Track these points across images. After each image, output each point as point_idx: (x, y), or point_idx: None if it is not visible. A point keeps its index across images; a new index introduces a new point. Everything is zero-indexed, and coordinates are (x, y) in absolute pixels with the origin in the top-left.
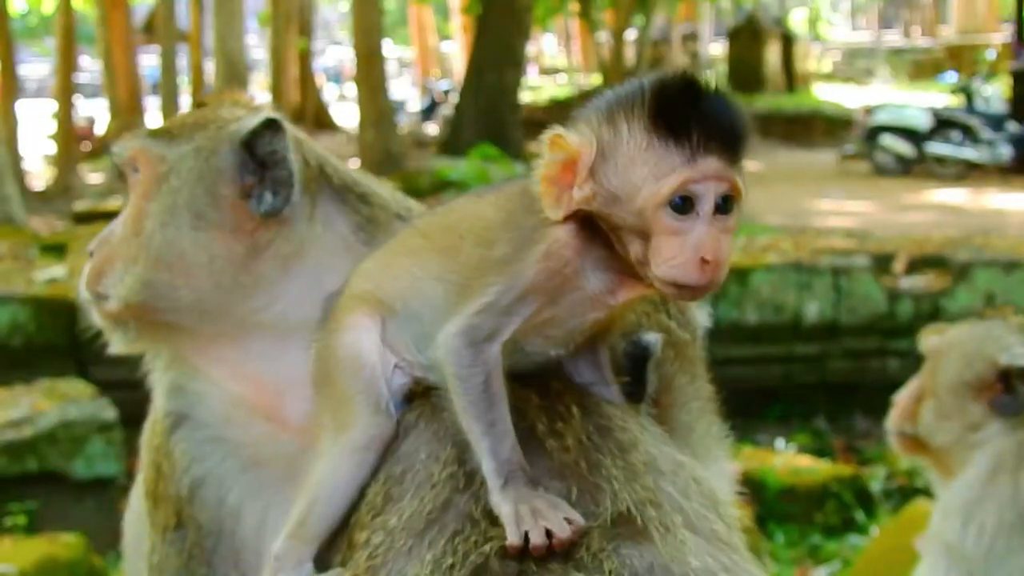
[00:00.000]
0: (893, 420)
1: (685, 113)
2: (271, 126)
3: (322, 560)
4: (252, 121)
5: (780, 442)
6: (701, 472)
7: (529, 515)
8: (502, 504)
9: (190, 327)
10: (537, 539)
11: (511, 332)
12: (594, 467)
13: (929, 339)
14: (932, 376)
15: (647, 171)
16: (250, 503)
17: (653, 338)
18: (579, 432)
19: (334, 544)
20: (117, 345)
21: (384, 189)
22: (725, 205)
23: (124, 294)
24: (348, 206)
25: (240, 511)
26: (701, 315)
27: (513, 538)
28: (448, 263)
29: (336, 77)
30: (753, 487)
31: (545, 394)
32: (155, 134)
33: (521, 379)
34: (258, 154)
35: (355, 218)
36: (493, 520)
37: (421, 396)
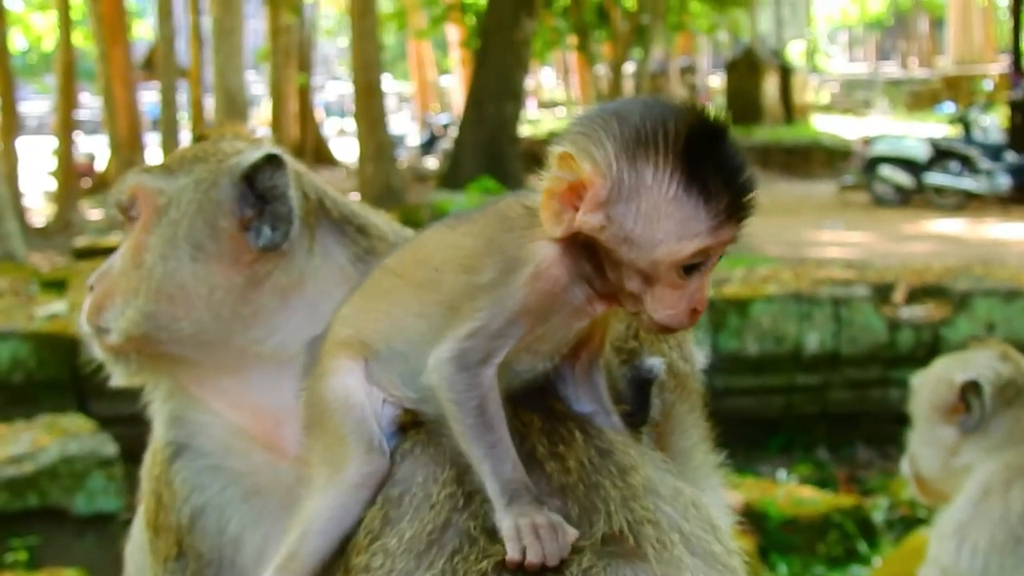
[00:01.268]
0: (902, 464)
1: (716, 174)
2: (272, 161)
3: None
4: (253, 155)
5: (782, 473)
6: (700, 497)
7: (528, 530)
8: (504, 520)
9: (190, 358)
10: (533, 556)
11: (504, 354)
12: (592, 488)
13: (916, 375)
14: (912, 408)
15: (672, 228)
16: (250, 532)
17: (656, 362)
18: (580, 455)
19: (329, 571)
20: (118, 378)
21: (382, 220)
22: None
23: (125, 326)
24: (347, 238)
25: (240, 540)
26: (699, 352)
27: (513, 553)
28: (427, 296)
29: (339, 111)
30: (755, 518)
31: (548, 418)
32: (153, 169)
33: (525, 403)
34: (258, 188)
35: (354, 249)
36: (492, 537)
37: (414, 426)
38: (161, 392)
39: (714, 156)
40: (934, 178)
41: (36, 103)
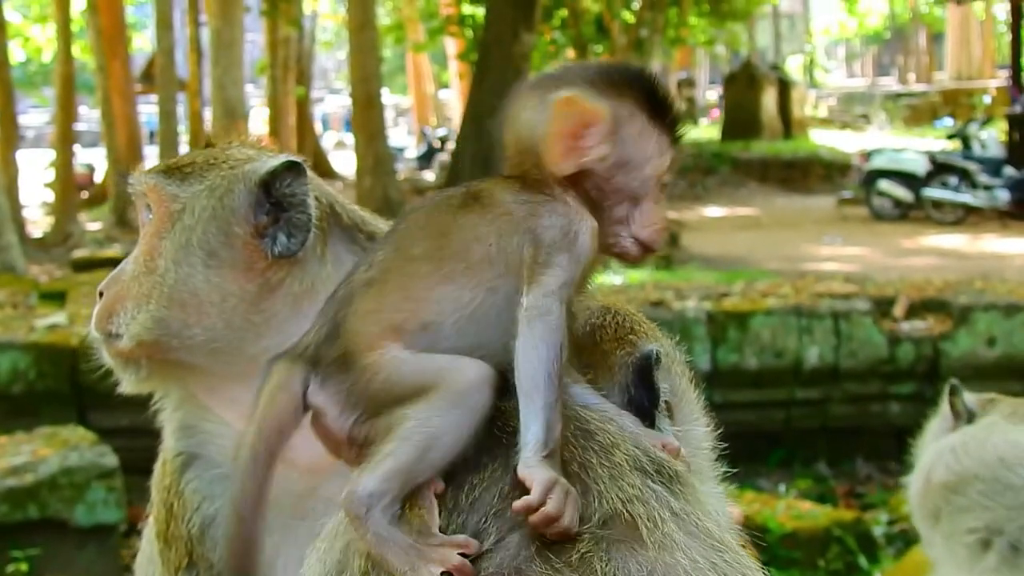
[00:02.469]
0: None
1: (666, 104)
2: (292, 168)
3: None
4: (272, 162)
5: (782, 487)
6: (686, 473)
7: (560, 489)
8: (535, 469)
9: (201, 366)
10: (554, 509)
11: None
12: (583, 467)
13: None
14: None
15: (653, 147)
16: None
17: (655, 346)
18: (565, 433)
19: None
20: (127, 385)
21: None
22: None
23: (136, 332)
24: (357, 245)
25: None
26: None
27: (537, 499)
28: (485, 272)
29: (347, 125)
30: (755, 532)
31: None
32: (168, 172)
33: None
34: (274, 195)
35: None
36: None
37: None
38: (171, 401)
39: (660, 92)
40: (933, 192)
41: (35, 115)
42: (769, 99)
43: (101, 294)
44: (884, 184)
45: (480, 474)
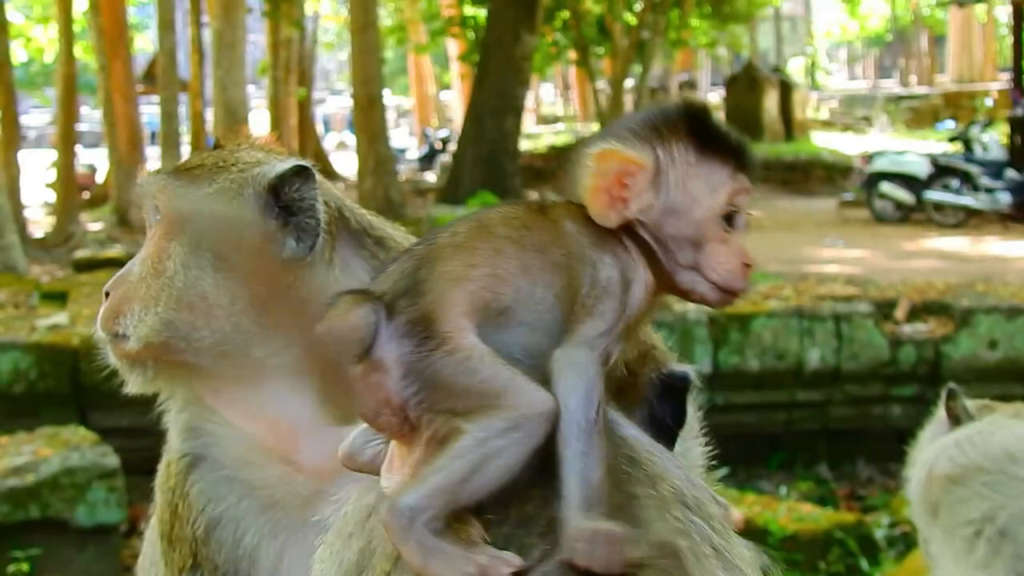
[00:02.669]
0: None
1: (720, 133)
2: (301, 173)
3: None
4: (281, 166)
5: (783, 489)
6: (714, 506)
7: (602, 538)
8: (576, 519)
9: (208, 368)
10: (600, 565)
11: (612, 363)
12: (630, 498)
13: None
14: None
15: (703, 184)
16: (266, 544)
17: (689, 369)
18: (612, 463)
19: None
20: (133, 386)
21: (399, 233)
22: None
23: (144, 334)
24: (365, 250)
25: (256, 552)
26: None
27: (581, 558)
28: (556, 278)
29: (349, 126)
30: (756, 534)
31: None
32: (177, 174)
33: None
34: (283, 199)
35: (372, 262)
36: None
37: None
38: (176, 402)
39: (710, 125)
40: (934, 195)
41: (37, 116)
42: (771, 101)
43: (107, 294)
44: (886, 186)
45: (532, 491)
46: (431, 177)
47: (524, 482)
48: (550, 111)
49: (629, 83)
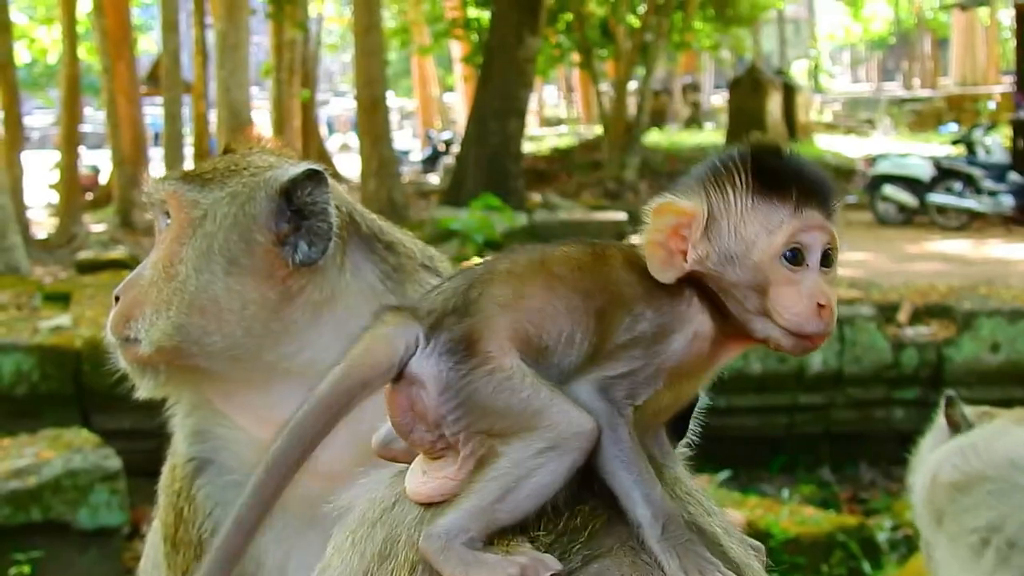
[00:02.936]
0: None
1: (783, 171)
2: (313, 177)
3: None
4: (293, 170)
5: (785, 492)
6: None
7: (695, 571)
8: (666, 556)
9: (218, 372)
10: None
11: (643, 400)
12: (699, 531)
13: None
14: None
15: (758, 226)
16: (273, 547)
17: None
18: (675, 493)
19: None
20: (143, 390)
21: (408, 238)
22: (828, 257)
23: (157, 338)
24: (376, 255)
25: (263, 555)
26: None
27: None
28: (595, 324)
29: (354, 127)
30: (758, 537)
31: None
32: (188, 178)
33: None
34: (295, 203)
35: (383, 267)
36: None
37: None
38: (183, 406)
39: (778, 163)
40: (937, 198)
41: (40, 117)
42: (774, 104)
43: (117, 299)
44: (889, 189)
45: (580, 507)
46: (434, 179)
47: (570, 497)
48: (553, 113)
49: (632, 85)
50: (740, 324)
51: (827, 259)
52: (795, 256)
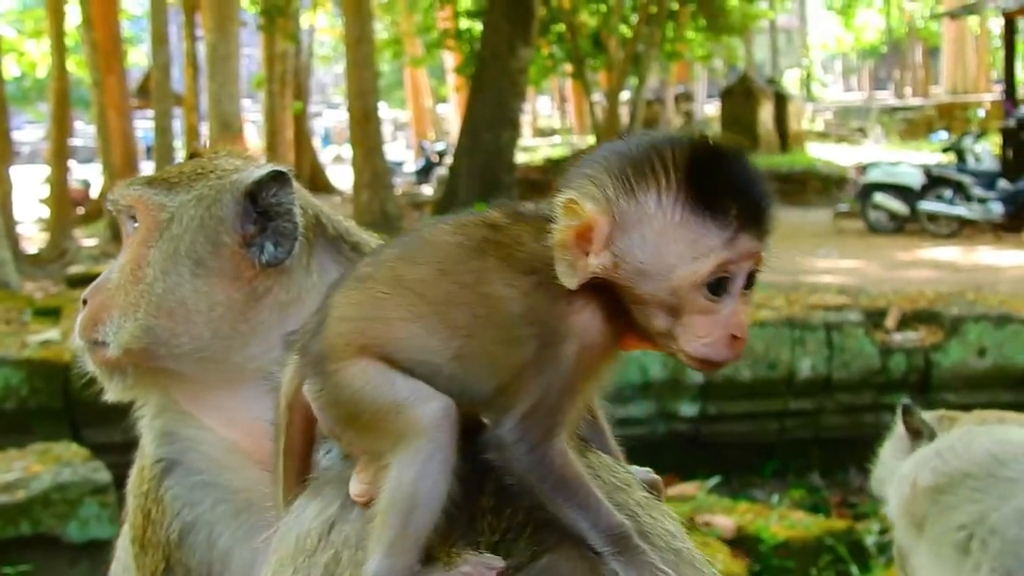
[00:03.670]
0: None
1: (723, 188)
2: (277, 178)
3: None
4: (258, 172)
5: (775, 498)
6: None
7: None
8: (625, 571)
9: (187, 374)
10: None
11: (568, 420)
12: (618, 506)
13: None
14: None
15: (683, 249)
16: (240, 547)
17: None
18: (636, 496)
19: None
20: (112, 393)
21: (373, 240)
22: (752, 278)
23: (125, 340)
24: (342, 255)
25: (229, 555)
26: None
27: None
28: (469, 343)
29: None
30: (748, 542)
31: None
32: (153, 182)
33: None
34: (260, 204)
35: (349, 268)
36: None
37: None
38: (150, 408)
39: (718, 173)
40: (928, 205)
41: (30, 131)
42: (766, 113)
43: (84, 302)
44: (880, 197)
45: (520, 503)
46: (428, 190)
47: (510, 497)
48: (546, 124)
49: (625, 96)
50: (642, 331)
51: (750, 280)
52: (718, 286)
